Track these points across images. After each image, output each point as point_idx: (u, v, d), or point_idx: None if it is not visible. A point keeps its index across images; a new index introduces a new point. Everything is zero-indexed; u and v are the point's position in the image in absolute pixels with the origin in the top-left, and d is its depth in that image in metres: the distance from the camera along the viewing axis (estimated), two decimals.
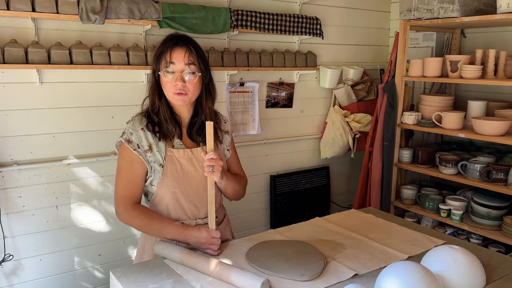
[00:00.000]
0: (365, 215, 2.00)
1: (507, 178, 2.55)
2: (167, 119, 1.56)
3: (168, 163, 1.55)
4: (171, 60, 1.50)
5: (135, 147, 1.55)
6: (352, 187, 3.80)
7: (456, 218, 2.80)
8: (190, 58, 1.51)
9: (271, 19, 2.90)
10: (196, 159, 1.58)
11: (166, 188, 1.57)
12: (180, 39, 1.54)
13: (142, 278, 1.39)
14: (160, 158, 1.56)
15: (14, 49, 2.16)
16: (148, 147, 1.55)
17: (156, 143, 1.56)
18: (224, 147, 1.72)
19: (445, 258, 1.37)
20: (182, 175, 1.57)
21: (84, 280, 2.69)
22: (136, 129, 1.57)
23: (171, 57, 1.50)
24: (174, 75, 1.51)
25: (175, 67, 1.50)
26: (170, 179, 1.56)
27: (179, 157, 1.57)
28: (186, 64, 1.51)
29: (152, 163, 1.56)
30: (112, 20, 2.34)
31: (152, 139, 1.56)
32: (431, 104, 3.00)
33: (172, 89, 1.51)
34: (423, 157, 3.02)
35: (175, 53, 1.51)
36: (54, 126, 2.45)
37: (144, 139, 1.56)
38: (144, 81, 2.64)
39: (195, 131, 1.62)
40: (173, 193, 1.57)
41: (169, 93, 1.54)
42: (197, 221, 1.64)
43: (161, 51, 1.52)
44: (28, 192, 2.43)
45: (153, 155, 1.56)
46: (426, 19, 2.84)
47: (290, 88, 3.28)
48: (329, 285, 1.35)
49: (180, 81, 1.50)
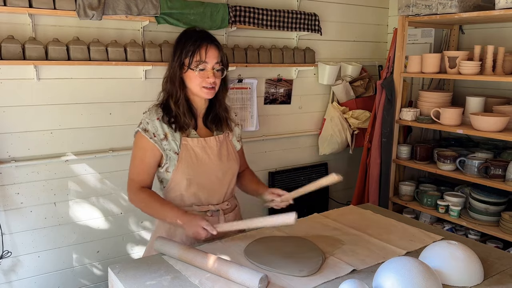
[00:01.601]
0: (363, 211, 2.00)
1: (505, 174, 2.55)
2: (185, 112, 1.64)
3: (183, 151, 1.63)
4: (205, 60, 1.59)
5: (151, 135, 1.62)
6: (350, 184, 3.79)
7: (454, 214, 2.81)
8: (220, 57, 1.63)
9: (269, 15, 2.90)
10: (209, 148, 1.68)
11: (181, 174, 1.64)
12: (209, 37, 1.64)
13: (140, 274, 1.39)
14: (175, 147, 1.63)
15: (11, 45, 2.15)
16: (163, 136, 1.63)
17: (171, 133, 1.63)
18: (235, 138, 1.82)
19: (443, 253, 1.38)
20: (197, 163, 1.65)
21: (83, 277, 2.69)
22: (152, 119, 1.63)
23: (206, 56, 1.59)
24: (205, 71, 1.60)
25: (207, 65, 1.60)
26: (185, 166, 1.63)
27: (193, 146, 1.65)
28: (216, 63, 1.62)
29: (167, 151, 1.63)
30: (109, 16, 2.33)
31: (167, 129, 1.63)
32: (429, 100, 3.00)
33: (202, 83, 1.60)
34: (421, 153, 3.02)
35: (210, 52, 1.60)
36: (52, 123, 2.45)
37: (160, 128, 1.63)
38: (142, 77, 2.63)
39: (210, 120, 1.72)
40: (187, 180, 1.64)
41: (196, 87, 1.62)
42: (209, 207, 1.71)
43: (194, 48, 1.59)
44: (26, 188, 2.43)
45: (169, 143, 1.63)
46: (424, 15, 2.83)
47: (288, 84, 3.28)
48: (327, 281, 1.35)
49: (213, 77, 1.60)
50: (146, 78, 2.65)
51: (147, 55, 2.50)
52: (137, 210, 2.79)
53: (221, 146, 1.71)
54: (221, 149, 1.71)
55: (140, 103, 2.68)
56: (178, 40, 1.65)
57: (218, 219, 1.71)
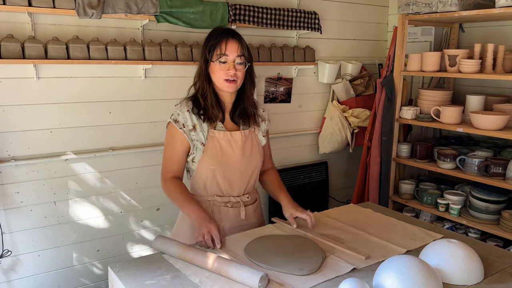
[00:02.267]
0: (363, 210, 2.00)
1: (505, 173, 2.55)
2: (213, 104, 1.70)
3: (209, 142, 1.71)
4: (225, 52, 1.65)
5: (181, 126, 1.70)
6: (350, 182, 3.80)
7: (454, 212, 2.80)
8: (241, 50, 1.68)
9: (269, 13, 2.89)
10: (234, 141, 1.73)
11: (205, 165, 1.71)
12: (230, 32, 1.70)
13: (140, 273, 1.39)
14: (202, 138, 1.70)
15: (11, 44, 2.15)
16: (192, 127, 1.70)
17: (200, 124, 1.70)
18: (260, 133, 1.85)
19: (443, 252, 1.38)
20: (221, 155, 1.71)
21: (83, 276, 2.69)
22: (183, 111, 1.71)
23: (226, 48, 1.65)
24: (226, 64, 1.66)
25: (228, 58, 1.66)
26: (210, 157, 1.70)
27: (219, 138, 1.71)
28: (237, 55, 1.66)
29: (195, 141, 1.71)
30: (109, 14, 2.33)
31: (196, 120, 1.70)
32: (429, 99, 2.99)
33: (224, 76, 1.66)
34: (422, 152, 3.02)
35: (229, 45, 1.66)
36: (52, 122, 2.44)
37: (189, 119, 1.70)
38: (141, 76, 2.63)
39: (237, 114, 1.77)
40: (211, 170, 1.72)
41: (219, 80, 1.68)
42: (230, 198, 1.77)
43: (215, 43, 1.66)
44: (26, 188, 2.42)
45: (197, 134, 1.70)
46: (424, 13, 2.83)
47: (288, 83, 3.27)
48: (327, 279, 1.35)
49: (233, 69, 1.66)
50: (146, 76, 2.65)
51: (146, 54, 2.50)
52: (137, 209, 2.82)
53: (246, 141, 1.76)
54: (246, 144, 1.76)
55: (140, 102, 2.68)
56: (205, 39, 1.73)
57: (238, 210, 1.78)
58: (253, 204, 1.86)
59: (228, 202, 1.77)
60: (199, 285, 1.31)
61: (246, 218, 1.80)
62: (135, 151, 2.69)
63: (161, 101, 2.74)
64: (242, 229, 1.76)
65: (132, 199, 2.77)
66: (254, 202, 1.88)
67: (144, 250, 2.86)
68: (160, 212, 2.89)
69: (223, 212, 1.77)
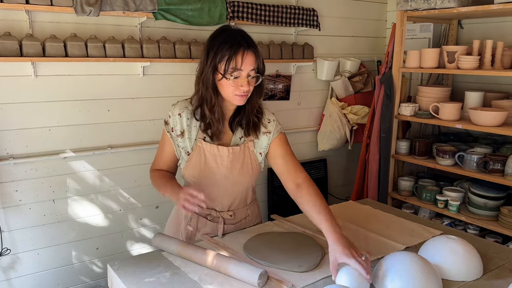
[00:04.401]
0: (362, 207, 2.00)
1: (504, 169, 2.55)
2: (219, 119, 1.54)
3: (194, 152, 1.58)
4: (241, 67, 1.45)
5: (169, 129, 1.59)
6: (349, 179, 3.80)
7: (453, 209, 2.81)
8: (256, 63, 1.49)
9: (267, 10, 2.88)
10: (219, 157, 1.58)
11: (187, 175, 1.62)
12: (246, 40, 1.48)
13: (140, 271, 1.39)
14: (188, 146, 1.59)
15: (8, 42, 2.14)
16: (180, 133, 1.59)
17: (189, 131, 1.58)
18: (257, 150, 1.63)
19: (442, 248, 1.38)
20: (204, 168, 1.58)
21: (82, 273, 2.69)
22: (175, 114, 1.59)
23: (242, 63, 1.45)
24: (239, 79, 1.47)
25: (242, 73, 1.46)
26: (192, 169, 1.59)
27: (206, 150, 1.57)
28: (252, 69, 1.48)
29: (180, 148, 1.60)
30: (107, 12, 2.32)
31: (186, 126, 1.58)
32: (428, 96, 2.99)
33: (235, 91, 1.48)
34: (420, 149, 3.02)
35: (246, 60, 1.45)
36: (50, 120, 2.44)
37: (178, 124, 1.58)
38: (140, 73, 2.62)
39: (236, 122, 1.60)
40: (193, 182, 1.62)
41: (228, 94, 1.49)
42: (211, 211, 1.66)
43: (229, 54, 1.44)
44: (25, 186, 2.42)
45: (183, 141, 1.59)
46: (423, 9, 2.83)
47: (287, 80, 3.27)
48: (326, 276, 1.35)
49: (247, 85, 1.47)
50: (144, 74, 2.64)
51: (145, 51, 2.49)
52: (136, 207, 2.82)
53: (234, 159, 1.58)
54: (234, 162, 1.58)
55: (138, 100, 2.68)
56: (213, 39, 1.50)
57: (216, 226, 1.67)
58: (236, 224, 1.71)
59: (208, 215, 1.67)
60: (198, 282, 1.31)
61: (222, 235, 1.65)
62: (134, 149, 2.69)
63: (159, 99, 2.74)
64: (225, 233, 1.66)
65: (131, 197, 2.77)
66: (240, 221, 1.72)
67: (143, 248, 2.86)
68: (159, 210, 2.89)
69: (201, 221, 1.68)
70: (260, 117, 1.63)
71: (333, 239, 1.34)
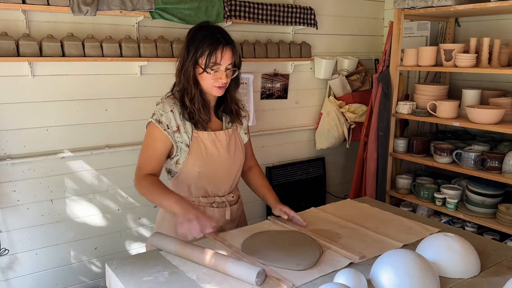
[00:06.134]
0: (360, 205, 2.00)
1: (502, 166, 2.56)
2: (201, 109, 1.66)
3: (194, 143, 1.67)
4: (220, 62, 1.60)
5: (165, 127, 1.65)
6: (347, 178, 3.80)
7: (451, 206, 2.81)
8: (234, 58, 1.64)
9: (265, 9, 2.88)
10: (219, 141, 1.71)
11: (191, 167, 1.68)
12: (225, 37, 1.62)
13: (138, 270, 1.39)
14: (186, 139, 1.67)
15: (5, 42, 2.13)
16: (176, 128, 1.66)
17: (183, 125, 1.66)
18: (242, 131, 1.84)
19: (440, 245, 1.38)
20: (206, 156, 1.68)
21: (81, 273, 2.69)
22: (166, 111, 1.65)
23: (221, 58, 1.60)
24: (218, 73, 1.61)
25: (220, 67, 1.61)
26: (195, 159, 1.67)
27: (204, 139, 1.68)
28: (230, 64, 1.63)
29: (179, 143, 1.67)
30: (104, 11, 2.32)
31: (180, 121, 1.66)
32: (425, 94, 3.00)
33: (214, 83, 1.62)
34: (418, 147, 3.03)
35: (225, 55, 1.60)
36: (47, 120, 2.44)
37: (173, 120, 1.65)
38: (137, 73, 2.62)
39: (222, 111, 1.76)
40: (197, 172, 1.69)
41: (207, 85, 1.64)
42: (215, 198, 1.76)
43: (209, 50, 1.58)
44: (23, 186, 2.42)
45: (181, 136, 1.66)
46: (420, 8, 2.83)
47: (284, 79, 3.27)
48: (324, 274, 1.36)
49: (225, 78, 1.62)
50: (142, 74, 2.64)
51: (142, 50, 2.49)
52: (135, 206, 2.81)
53: (230, 140, 1.74)
54: (230, 143, 1.74)
55: (135, 99, 2.67)
56: (193, 35, 1.64)
57: (224, 210, 1.77)
58: (237, 203, 1.86)
59: (213, 203, 1.76)
60: (196, 281, 1.31)
61: (230, 217, 1.79)
62: (132, 148, 2.69)
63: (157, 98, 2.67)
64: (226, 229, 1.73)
65: (129, 196, 2.77)
66: (238, 200, 1.87)
67: (142, 248, 2.86)
68: (157, 209, 2.87)
69: (209, 212, 1.74)
70: (239, 105, 1.82)
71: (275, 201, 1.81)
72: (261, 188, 1.90)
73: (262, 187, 1.90)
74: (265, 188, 1.89)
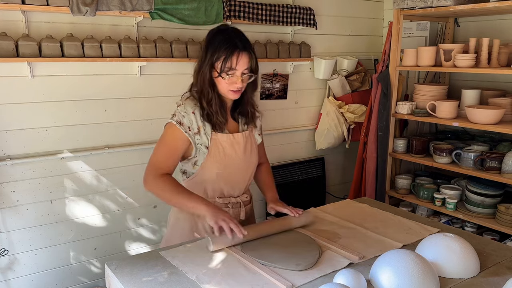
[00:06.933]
0: (360, 205, 2.00)
1: (501, 166, 2.56)
2: (218, 111, 1.66)
3: (212, 145, 1.68)
4: (236, 67, 1.60)
5: (186, 129, 1.65)
6: (347, 178, 3.80)
7: (451, 206, 2.81)
8: (250, 63, 1.63)
9: (264, 9, 2.88)
10: (237, 143, 1.72)
11: (209, 168, 1.69)
12: (242, 42, 1.61)
13: (137, 271, 1.39)
14: (206, 141, 1.67)
15: (4, 42, 2.13)
16: (197, 130, 1.66)
17: (203, 126, 1.67)
18: (257, 133, 1.86)
19: (439, 246, 1.38)
20: (225, 158, 1.70)
21: (80, 274, 2.68)
22: (188, 113, 1.65)
23: (237, 64, 1.60)
24: (234, 77, 1.61)
25: (236, 72, 1.61)
26: (214, 161, 1.69)
27: (222, 141, 1.69)
28: (246, 69, 1.63)
29: (199, 145, 1.67)
30: (103, 12, 2.31)
31: (200, 122, 1.67)
32: (425, 94, 3.00)
33: (230, 87, 1.63)
34: (418, 147, 3.03)
35: (241, 60, 1.60)
36: (47, 120, 2.43)
37: (194, 122, 1.66)
38: (136, 73, 2.62)
39: (238, 112, 1.77)
40: (216, 174, 1.71)
41: (223, 89, 1.64)
42: (230, 199, 1.78)
43: (226, 55, 1.58)
44: (22, 186, 2.42)
45: (201, 137, 1.67)
46: (419, 8, 2.83)
47: (284, 79, 3.27)
48: (324, 274, 1.36)
49: (240, 83, 1.63)
50: (141, 74, 2.64)
51: (141, 51, 2.49)
52: (134, 207, 2.81)
53: (247, 142, 1.76)
54: (247, 145, 1.76)
55: (135, 99, 2.67)
56: (212, 38, 1.64)
57: (238, 211, 1.80)
58: (250, 203, 1.88)
59: (228, 203, 1.78)
60: (196, 282, 1.31)
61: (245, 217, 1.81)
62: (131, 148, 2.69)
63: (156, 98, 2.74)
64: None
65: (129, 196, 2.77)
66: (250, 200, 1.90)
67: (141, 248, 2.86)
68: (157, 210, 2.89)
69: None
70: (255, 107, 1.83)
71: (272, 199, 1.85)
72: (262, 184, 1.93)
73: (263, 183, 1.93)
74: (266, 184, 1.92)
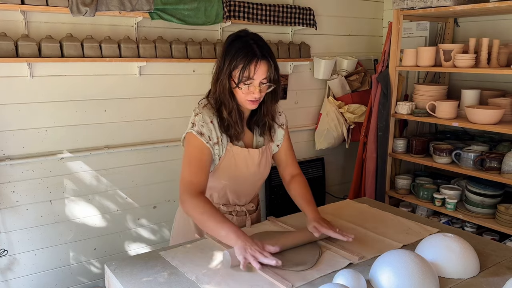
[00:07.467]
0: (359, 205, 2.00)
1: (501, 167, 2.56)
2: (237, 121, 1.60)
3: (225, 157, 1.62)
4: (253, 77, 1.51)
5: (207, 139, 1.57)
6: (347, 178, 3.80)
7: (451, 207, 2.81)
8: (269, 73, 1.53)
9: (264, 9, 2.88)
10: (251, 159, 1.65)
11: (216, 178, 1.66)
12: (261, 50, 1.52)
13: (137, 271, 1.39)
14: (222, 151, 1.62)
15: (4, 43, 2.13)
16: (216, 140, 1.59)
17: (221, 136, 1.60)
18: (275, 143, 1.75)
19: (439, 246, 1.38)
20: (235, 171, 1.65)
21: (80, 274, 2.68)
22: (207, 122, 1.58)
23: (255, 73, 1.50)
24: (251, 87, 1.52)
25: (254, 82, 1.52)
26: (222, 172, 1.64)
27: (236, 154, 1.63)
28: (264, 78, 1.53)
29: (215, 155, 1.61)
30: (103, 12, 2.31)
31: (219, 132, 1.60)
32: (425, 94, 3.00)
33: (247, 96, 1.54)
34: (417, 147, 3.03)
35: (259, 70, 1.50)
36: (47, 120, 2.43)
37: (214, 131, 1.58)
38: (136, 73, 2.62)
39: (254, 122, 1.68)
40: (224, 184, 1.68)
41: (241, 98, 1.56)
42: (235, 207, 1.76)
43: (244, 63, 1.49)
44: (22, 187, 2.42)
45: (219, 147, 1.60)
46: (419, 8, 2.83)
47: (284, 79, 3.27)
48: (324, 275, 1.35)
49: (258, 93, 1.53)
50: (141, 74, 2.64)
51: (141, 51, 2.49)
52: (134, 207, 2.80)
53: (262, 157, 1.68)
54: (262, 160, 1.69)
55: (135, 100, 2.67)
56: (229, 45, 1.54)
57: (244, 219, 1.77)
58: (256, 211, 1.85)
59: (233, 211, 1.76)
60: (195, 282, 1.31)
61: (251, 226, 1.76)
62: (131, 149, 2.69)
63: (156, 99, 2.74)
64: None
65: (128, 197, 2.77)
66: (257, 207, 1.87)
67: (141, 248, 2.86)
68: (156, 210, 2.89)
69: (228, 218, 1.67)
70: (274, 116, 1.71)
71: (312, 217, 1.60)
72: (300, 199, 1.73)
73: (301, 197, 1.73)
74: (304, 199, 1.72)
